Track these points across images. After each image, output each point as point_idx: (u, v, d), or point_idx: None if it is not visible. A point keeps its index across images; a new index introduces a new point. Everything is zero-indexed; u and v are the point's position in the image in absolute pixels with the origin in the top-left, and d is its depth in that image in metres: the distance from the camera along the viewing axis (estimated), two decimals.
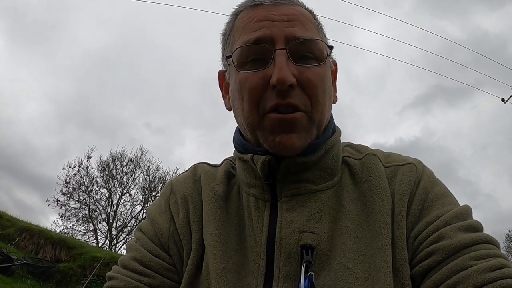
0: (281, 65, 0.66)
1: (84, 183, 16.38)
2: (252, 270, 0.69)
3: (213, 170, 0.83)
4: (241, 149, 0.77)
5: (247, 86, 0.69)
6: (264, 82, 0.68)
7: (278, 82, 0.66)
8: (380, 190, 0.71)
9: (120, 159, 17.25)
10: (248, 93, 0.69)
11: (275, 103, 0.67)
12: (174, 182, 0.83)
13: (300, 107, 0.68)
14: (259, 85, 0.68)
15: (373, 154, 0.77)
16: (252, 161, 0.73)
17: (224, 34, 0.80)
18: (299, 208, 0.71)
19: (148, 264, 0.73)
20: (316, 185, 0.73)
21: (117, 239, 16.51)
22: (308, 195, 0.72)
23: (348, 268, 0.65)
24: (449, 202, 0.70)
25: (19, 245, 9.57)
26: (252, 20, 0.72)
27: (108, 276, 0.75)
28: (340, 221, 0.70)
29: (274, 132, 0.68)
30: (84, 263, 8.97)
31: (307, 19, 0.74)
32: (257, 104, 0.69)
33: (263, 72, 0.68)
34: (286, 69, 0.66)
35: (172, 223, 0.77)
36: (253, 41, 0.70)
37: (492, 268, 0.59)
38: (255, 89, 0.69)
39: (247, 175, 0.76)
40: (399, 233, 0.67)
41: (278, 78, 0.66)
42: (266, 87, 0.68)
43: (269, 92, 0.68)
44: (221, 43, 0.82)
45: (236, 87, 0.72)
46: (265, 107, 0.68)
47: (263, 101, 0.69)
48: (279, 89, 0.66)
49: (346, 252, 0.67)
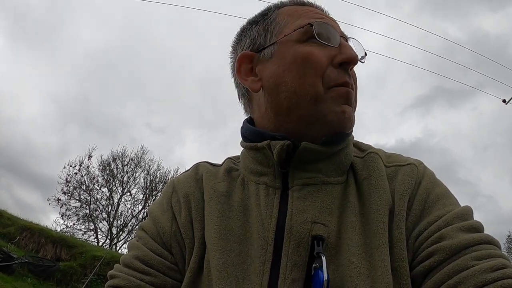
0: (351, 46, 0.75)
1: (85, 182, 16.45)
2: (259, 255, 0.68)
3: (214, 169, 0.84)
4: (253, 137, 0.77)
5: (315, 58, 0.73)
6: (329, 59, 0.73)
7: (351, 59, 0.73)
8: (379, 189, 0.71)
9: (121, 158, 17.32)
10: (315, 65, 0.73)
11: (346, 81, 0.73)
12: (176, 181, 0.84)
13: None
14: (325, 60, 0.73)
15: (375, 153, 0.78)
16: (269, 147, 0.73)
17: (263, 17, 0.82)
18: (311, 198, 0.71)
19: (150, 262, 0.73)
20: (329, 178, 0.73)
21: (118, 239, 16.55)
22: (320, 186, 0.72)
23: (352, 262, 0.65)
24: (450, 203, 0.70)
25: (20, 244, 9.59)
26: (309, 12, 0.78)
27: (110, 275, 0.75)
28: (346, 216, 0.70)
29: (341, 101, 0.72)
30: (84, 262, 8.99)
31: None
32: (321, 78, 0.72)
33: (329, 50, 0.73)
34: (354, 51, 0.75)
35: (174, 221, 0.77)
36: (319, 23, 0.75)
37: (493, 268, 0.59)
38: (321, 62, 0.73)
39: (257, 164, 0.76)
40: (398, 233, 0.67)
41: (353, 56, 0.74)
42: (329, 64, 0.73)
43: (331, 70, 0.73)
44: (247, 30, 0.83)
45: (296, 60, 0.74)
46: (329, 82, 0.72)
47: (326, 76, 0.73)
48: (346, 68, 0.74)
49: (351, 247, 0.67)
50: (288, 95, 0.73)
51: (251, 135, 0.78)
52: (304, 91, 0.72)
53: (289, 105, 0.73)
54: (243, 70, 0.81)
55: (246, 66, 0.81)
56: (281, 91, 0.74)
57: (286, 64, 0.74)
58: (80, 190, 16.28)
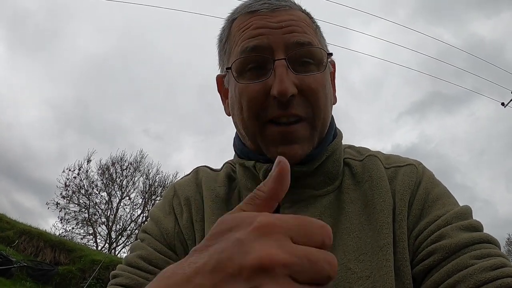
0: (281, 77, 0.66)
1: (84, 186, 16.39)
2: None
3: (214, 174, 0.85)
4: (242, 155, 0.78)
5: (247, 96, 0.69)
6: (265, 92, 0.68)
7: (279, 94, 0.66)
8: (381, 191, 0.72)
9: (120, 162, 17.27)
10: (248, 103, 0.70)
11: (277, 115, 0.68)
12: (177, 185, 0.84)
13: (302, 116, 0.69)
14: (260, 95, 0.68)
15: (373, 156, 0.79)
16: (254, 168, 0.73)
17: (220, 40, 0.80)
18: (300, 213, 0.71)
19: (154, 261, 0.73)
20: (317, 190, 0.74)
21: (117, 243, 16.49)
22: (308, 200, 0.73)
23: (349, 269, 0.66)
24: (450, 202, 0.71)
25: (19, 248, 9.55)
26: (250, 27, 0.72)
27: (113, 274, 0.75)
28: (340, 223, 0.71)
29: (276, 143, 0.69)
30: (83, 266, 8.96)
31: (305, 23, 0.74)
32: (257, 114, 0.69)
33: (264, 83, 0.68)
34: (286, 81, 0.66)
35: (177, 223, 0.78)
36: (250, 49, 0.69)
37: (493, 267, 0.60)
38: (255, 99, 0.69)
39: (248, 180, 0.77)
40: (400, 233, 0.68)
41: (279, 91, 0.65)
42: (266, 96, 0.68)
43: (269, 102, 0.68)
44: (217, 48, 0.82)
45: (236, 96, 0.72)
46: (266, 117, 0.69)
47: (263, 110, 0.69)
48: (281, 101, 0.67)
49: (347, 253, 0.68)
50: (240, 128, 0.74)
51: (241, 152, 0.78)
52: (244, 126, 0.72)
53: (243, 136, 0.75)
54: (223, 91, 0.82)
55: (223, 88, 0.81)
56: (235, 122, 0.76)
57: (232, 96, 0.74)
58: (79, 194, 16.24)
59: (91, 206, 16.28)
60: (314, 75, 0.70)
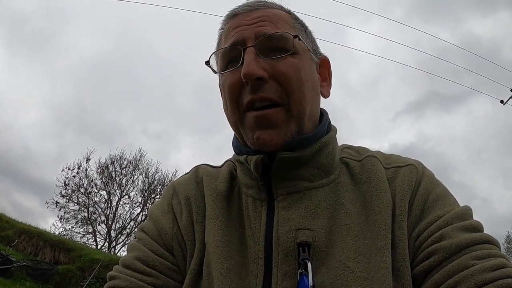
0: (248, 60, 0.69)
1: (83, 185, 16.40)
2: (251, 270, 0.69)
3: (214, 171, 0.84)
4: (237, 151, 0.79)
5: (226, 86, 0.73)
6: (239, 81, 0.70)
7: (244, 76, 0.68)
8: (380, 192, 0.72)
9: (119, 161, 17.27)
10: (228, 92, 0.73)
11: (249, 99, 0.70)
12: (176, 184, 0.84)
13: (275, 100, 0.70)
14: (236, 83, 0.71)
15: (373, 156, 0.78)
16: (246, 161, 0.74)
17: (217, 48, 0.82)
18: (295, 205, 0.71)
19: (151, 263, 0.73)
20: (311, 182, 0.74)
21: (116, 241, 16.50)
22: (303, 192, 0.73)
23: (347, 267, 0.66)
24: (450, 203, 0.71)
25: (18, 247, 9.56)
26: (230, 28, 0.77)
27: (110, 276, 0.74)
28: (339, 219, 0.71)
29: (252, 129, 0.71)
30: (83, 265, 8.96)
31: (281, 18, 0.76)
32: (236, 103, 0.73)
33: (238, 71, 0.71)
34: (252, 63, 0.69)
35: (175, 223, 0.77)
36: (228, 47, 0.74)
37: (493, 268, 0.59)
38: (232, 88, 0.72)
39: (245, 176, 0.77)
40: (400, 234, 0.67)
41: (245, 73, 0.68)
42: (242, 84, 0.71)
43: (245, 89, 0.71)
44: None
45: (221, 90, 0.76)
46: (243, 105, 0.72)
47: (240, 98, 0.72)
48: (251, 85, 0.69)
49: (345, 250, 0.67)
50: (228, 121, 0.78)
51: (236, 148, 0.80)
52: (229, 117, 0.77)
53: (233, 129, 0.78)
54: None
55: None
56: (226, 115, 0.78)
57: (221, 91, 0.79)
58: (79, 193, 16.25)
59: (91, 204, 16.30)
60: (286, 60, 0.71)
